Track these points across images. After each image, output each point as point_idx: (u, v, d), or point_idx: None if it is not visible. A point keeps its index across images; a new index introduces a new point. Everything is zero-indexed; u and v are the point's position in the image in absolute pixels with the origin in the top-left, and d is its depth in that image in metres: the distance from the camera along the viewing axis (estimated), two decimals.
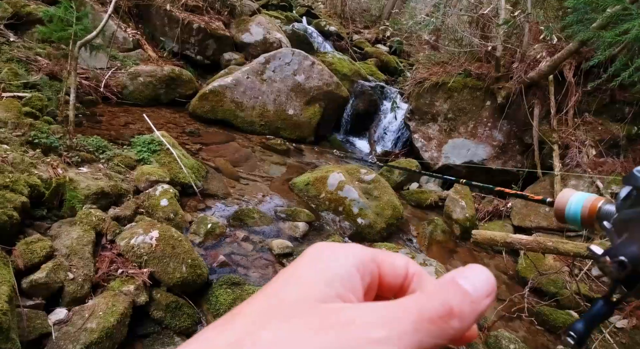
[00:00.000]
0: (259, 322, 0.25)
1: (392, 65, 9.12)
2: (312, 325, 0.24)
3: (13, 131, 3.11)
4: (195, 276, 2.45)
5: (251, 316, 0.26)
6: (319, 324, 0.24)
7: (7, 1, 4.91)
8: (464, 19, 6.71)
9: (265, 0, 9.53)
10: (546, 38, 5.01)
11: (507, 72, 5.32)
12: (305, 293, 0.27)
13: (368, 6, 12.01)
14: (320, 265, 0.29)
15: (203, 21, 6.53)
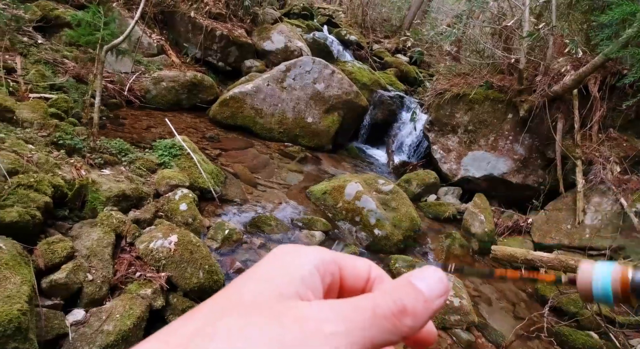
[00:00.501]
0: (218, 314, 0.26)
1: (412, 76, 9.08)
2: (268, 318, 0.25)
3: (39, 131, 3.18)
4: (212, 282, 2.45)
5: (212, 310, 0.27)
6: (275, 318, 0.25)
7: (36, 4, 5.06)
8: (486, 31, 6.66)
9: (287, 9, 9.63)
10: (571, 51, 4.93)
11: (530, 85, 5.24)
12: (264, 290, 0.27)
13: (389, 16, 12.03)
14: (281, 264, 0.30)
15: (226, 28, 6.62)
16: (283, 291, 0.28)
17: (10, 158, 2.43)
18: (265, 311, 0.26)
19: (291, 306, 0.27)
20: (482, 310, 3.43)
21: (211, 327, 0.25)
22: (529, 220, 4.62)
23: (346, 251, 3.48)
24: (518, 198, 5.24)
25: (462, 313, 3.00)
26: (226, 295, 0.28)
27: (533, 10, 5.67)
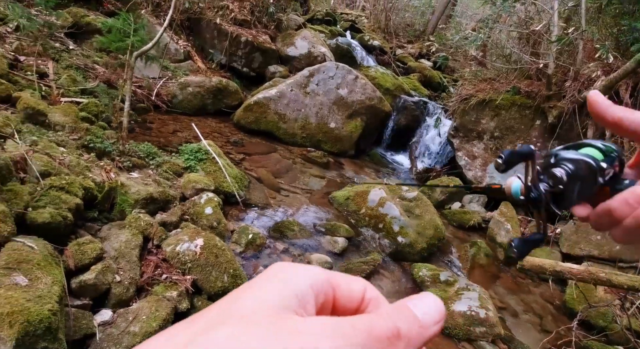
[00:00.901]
0: (216, 322, 0.26)
1: (436, 81, 8.99)
2: (265, 330, 0.25)
3: (70, 135, 3.27)
4: (236, 286, 2.45)
5: (210, 317, 0.27)
6: (272, 330, 0.25)
7: (67, 11, 5.22)
8: (513, 35, 6.54)
9: (310, 15, 9.68)
10: (601, 56, 4.78)
11: (559, 91, 5.12)
12: (262, 302, 0.28)
13: (412, 21, 11.96)
14: (278, 279, 0.30)
15: (250, 35, 6.70)
16: (280, 304, 0.28)
17: (43, 160, 2.50)
18: (262, 322, 0.26)
19: (287, 319, 0.27)
20: (508, 322, 3.34)
21: (207, 335, 0.25)
22: (557, 230, 4.48)
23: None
24: None
25: (487, 325, 2.92)
26: (225, 305, 0.28)
27: (562, 14, 5.55)
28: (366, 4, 13.34)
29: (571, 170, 0.48)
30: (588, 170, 0.47)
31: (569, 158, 0.49)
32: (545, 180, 0.50)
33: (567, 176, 0.48)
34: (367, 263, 3.37)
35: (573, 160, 0.49)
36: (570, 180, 0.48)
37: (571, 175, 0.48)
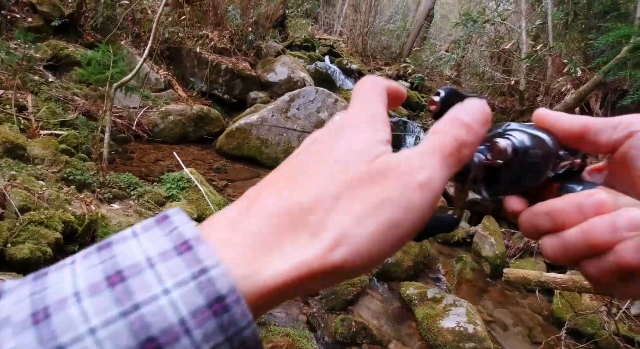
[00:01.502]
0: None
1: (414, 101, 9.19)
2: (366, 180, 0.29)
3: (49, 168, 3.25)
4: None
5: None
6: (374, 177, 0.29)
7: (46, 44, 5.24)
8: (485, 54, 6.79)
9: (289, 41, 9.89)
10: (570, 71, 5.00)
11: (532, 106, 5.30)
12: (356, 154, 0.30)
13: (388, 44, 12.31)
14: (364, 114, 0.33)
15: (230, 62, 6.80)
16: (373, 146, 0.31)
17: (22, 195, 2.47)
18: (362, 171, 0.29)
19: (382, 160, 0.30)
20: (498, 336, 3.35)
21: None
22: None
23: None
24: None
25: (476, 340, 2.93)
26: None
27: (530, 33, 5.80)
28: (343, 29, 13.71)
29: (519, 144, 0.38)
30: (541, 151, 0.37)
31: (521, 130, 0.39)
32: (484, 151, 0.39)
33: (512, 150, 0.37)
34: (354, 284, 3.36)
35: (525, 132, 0.38)
36: (515, 156, 0.38)
37: (517, 151, 0.37)
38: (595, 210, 0.33)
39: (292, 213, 0.27)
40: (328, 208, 0.28)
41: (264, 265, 0.25)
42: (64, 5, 5.77)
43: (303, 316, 2.93)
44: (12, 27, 5.25)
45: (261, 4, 7.74)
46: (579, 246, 0.33)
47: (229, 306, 0.23)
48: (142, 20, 6.36)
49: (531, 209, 0.38)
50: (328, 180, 0.29)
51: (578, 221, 0.33)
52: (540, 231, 0.37)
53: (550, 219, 0.35)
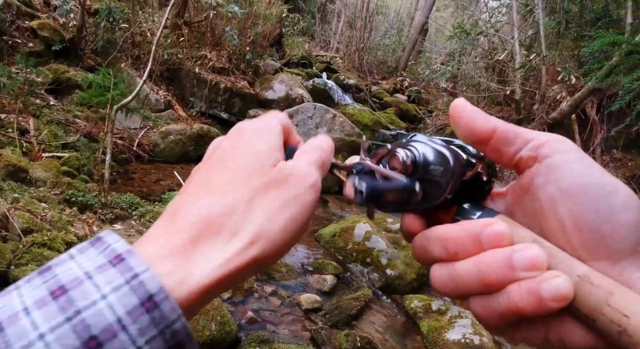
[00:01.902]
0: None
1: (412, 113, 9.27)
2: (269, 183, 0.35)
3: (51, 190, 3.27)
4: (225, 334, 2.41)
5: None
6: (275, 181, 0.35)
7: (47, 68, 5.33)
8: (479, 65, 6.87)
9: (286, 59, 10.02)
10: (564, 78, 5.05)
11: (529, 114, 5.34)
12: (258, 161, 0.36)
13: (384, 58, 12.46)
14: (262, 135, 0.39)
15: (229, 81, 6.89)
16: (272, 158, 0.37)
17: (25, 217, 2.49)
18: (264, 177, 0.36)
19: (280, 168, 0.36)
20: (505, 347, 3.31)
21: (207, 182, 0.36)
22: None
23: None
24: None
25: None
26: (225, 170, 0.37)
27: (523, 43, 5.88)
28: (339, 45, 13.91)
29: (420, 158, 0.35)
30: (442, 169, 0.34)
31: (424, 142, 0.36)
32: (384, 162, 0.38)
33: (411, 162, 0.35)
34: (357, 299, 3.34)
35: (429, 146, 0.35)
36: (414, 170, 0.35)
37: (417, 164, 0.35)
38: (492, 243, 0.30)
39: (211, 220, 0.32)
40: (243, 211, 0.32)
41: (193, 269, 0.29)
42: (65, 30, 5.88)
43: (307, 332, 2.91)
44: (14, 52, 5.35)
45: (258, 23, 7.88)
46: (470, 282, 0.31)
47: (159, 303, 0.26)
48: (142, 42, 6.47)
49: (425, 232, 0.35)
50: (239, 186, 0.34)
51: (472, 252, 0.31)
52: (432, 258, 0.34)
53: (442, 246, 0.33)
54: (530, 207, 0.34)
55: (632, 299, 0.26)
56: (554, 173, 0.32)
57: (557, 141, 0.34)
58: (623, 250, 0.29)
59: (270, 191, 0.34)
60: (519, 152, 0.34)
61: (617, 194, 0.30)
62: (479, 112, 0.36)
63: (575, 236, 0.30)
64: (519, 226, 0.32)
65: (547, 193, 0.32)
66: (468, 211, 0.34)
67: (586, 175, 0.31)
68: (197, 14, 7.14)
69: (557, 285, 0.27)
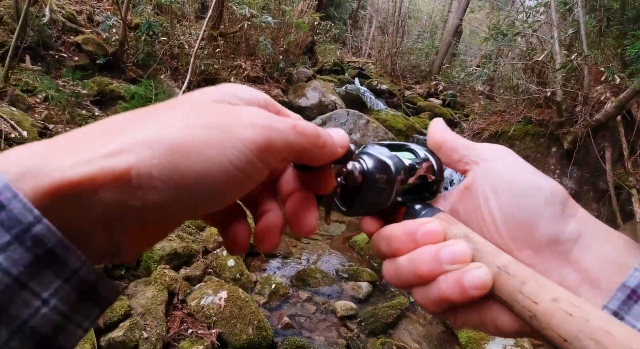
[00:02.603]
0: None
1: (447, 117, 9.10)
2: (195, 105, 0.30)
3: None
4: (261, 339, 2.45)
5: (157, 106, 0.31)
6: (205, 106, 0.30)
7: (92, 80, 5.61)
8: (517, 67, 6.67)
9: (319, 66, 10.11)
10: (608, 78, 4.82)
11: (571, 116, 5.13)
12: (203, 96, 0.32)
13: (417, 63, 12.33)
14: (222, 90, 0.34)
15: (263, 90, 7.02)
16: (220, 98, 0.32)
17: None
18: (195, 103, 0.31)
19: (224, 105, 0.30)
20: None
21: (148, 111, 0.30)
22: None
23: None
24: None
25: None
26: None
27: (563, 42, 5.67)
28: (371, 50, 13.89)
29: (367, 168, 0.39)
30: (385, 176, 0.38)
31: (371, 154, 0.40)
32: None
33: (360, 174, 0.39)
34: (393, 307, 3.30)
35: (373, 157, 0.40)
36: (363, 180, 0.39)
37: (365, 174, 0.39)
38: (425, 240, 0.34)
39: (110, 127, 0.28)
40: (144, 119, 0.28)
41: (52, 164, 0.23)
42: (108, 44, 6.18)
43: (342, 340, 2.90)
44: (60, 66, 5.67)
45: (290, 32, 8.00)
46: (407, 274, 0.35)
47: (4, 202, 0.21)
48: (180, 54, 6.71)
49: (378, 232, 0.39)
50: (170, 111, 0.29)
51: (410, 249, 0.35)
52: (382, 254, 0.38)
53: (387, 245, 0.37)
54: (470, 204, 0.38)
55: (543, 287, 0.29)
56: (490, 174, 0.37)
57: (497, 149, 0.39)
58: (544, 241, 0.33)
59: (191, 109, 0.29)
60: (464, 158, 0.39)
61: (541, 190, 0.34)
62: (443, 128, 0.42)
63: (503, 228, 0.35)
64: (455, 223, 0.36)
65: (483, 191, 0.37)
66: (415, 211, 0.39)
67: (516, 174, 0.36)
68: (232, 25, 7.34)
69: (477, 275, 0.31)
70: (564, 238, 0.33)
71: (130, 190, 0.24)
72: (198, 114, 0.28)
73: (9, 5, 5.49)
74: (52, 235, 0.22)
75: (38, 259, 0.22)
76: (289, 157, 0.31)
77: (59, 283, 0.23)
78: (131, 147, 0.24)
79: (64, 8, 6.34)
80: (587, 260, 0.32)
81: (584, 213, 0.34)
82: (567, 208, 0.34)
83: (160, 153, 0.25)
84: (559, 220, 0.33)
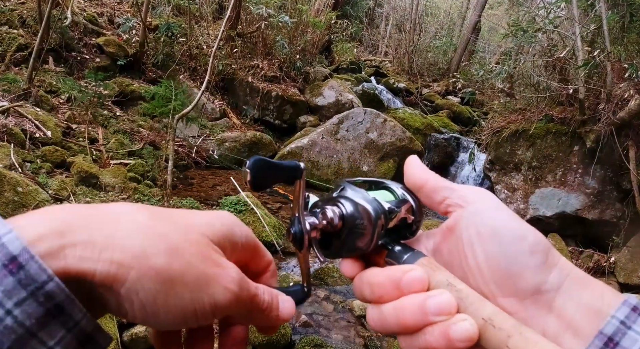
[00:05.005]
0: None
1: (465, 116, 9.00)
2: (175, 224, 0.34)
3: (119, 194, 3.51)
4: (280, 336, 2.47)
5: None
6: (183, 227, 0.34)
7: (113, 81, 5.73)
8: (538, 64, 6.54)
9: (335, 65, 10.11)
10: (631, 75, 4.69)
11: (594, 114, 5.01)
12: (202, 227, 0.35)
13: (435, 60, 12.21)
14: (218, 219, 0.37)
15: (280, 89, 7.06)
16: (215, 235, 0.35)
17: None
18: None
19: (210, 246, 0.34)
20: None
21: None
22: (612, 258, 4.23)
23: None
24: (596, 235, 4.84)
25: None
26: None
27: (585, 38, 5.54)
28: (388, 49, 13.81)
29: (347, 213, 0.39)
30: (366, 222, 0.38)
31: (350, 198, 0.40)
32: (318, 214, 0.41)
33: (339, 219, 0.39)
34: None
35: (353, 201, 0.39)
36: (343, 225, 0.39)
37: (345, 219, 0.39)
38: (410, 288, 0.34)
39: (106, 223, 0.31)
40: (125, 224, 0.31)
41: (67, 248, 0.27)
42: (128, 46, 6.30)
43: (360, 339, 2.90)
44: (82, 67, 5.80)
45: (307, 31, 8.01)
46: (393, 324, 0.35)
47: (23, 263, 0.25)
48: (198, 55, 6.80)
49: (360, 275, 0.39)
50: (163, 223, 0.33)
51: (394, 297, 0.35)
52: (366, 300, 0.38)
53: (371, 291, 0.37)
54: (454, 246, 0.38)
55: (528, 340, 0.30)
56: (474, 218, 0.37)
57: (479, 192, 0.39)
58: (528, 290, 0.33)
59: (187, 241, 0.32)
60: (446, 200, 0.39)
61: (525, 239, 0.35)
62: (420, 167, 0.43)
63: (488, 274, 0.35)
64: (438, 268, 0.36)
65: (468, 235, 0.36)
66: (397, 254, 0.38)
67: (499, 220, 0.36)
68: (249, 25, 7.40)
69: (463, 328, 0.31)
70: (547, 287, 0.33)
71: (114, 295, 0.28)
72: (193, 251, 0.32)
73: (31, 8, 5.65)
74: (61, 291, 0.26)
75: (48, 312, 0.25)
76: (241, 319, 0.38)
77: (63, 332, 0.26)
78: (130, 264, 0.28)
79: (85, 10, 6.49)
80: (568, 309, 0.33)
81: (565, 261, 0.35)
82: (549, 258, 0.34)
83: (152, 276, 0.29)
84: (542, 270, 0.34)
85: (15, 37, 5.38)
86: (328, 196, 0.42)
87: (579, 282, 0.34)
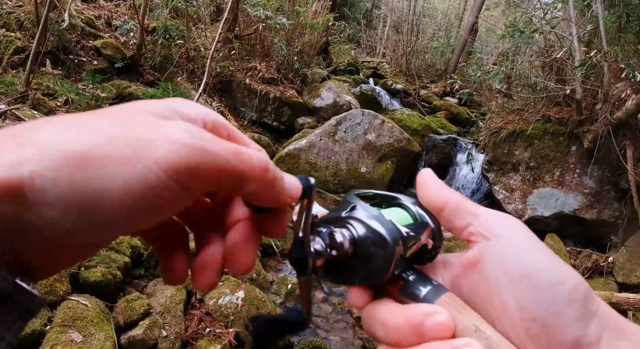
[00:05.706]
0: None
1: (463, 117, 9.02)
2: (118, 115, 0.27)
3: None
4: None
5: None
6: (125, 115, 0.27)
7: (111, 84, 5.72)
8: (535, 64, 6.56)
9: (333, 67, 10.12)
10: (628, 75, 4.71)
11: (591, 114, 5.02)
12: (136, 107, 0.28)
13: (432, 61, 12.24)
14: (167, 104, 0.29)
15: (278, 91, 7.06)
16: (157, 112, 0.28)
17: None
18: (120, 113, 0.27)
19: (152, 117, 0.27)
20: None
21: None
22: (610, 258, 4.23)
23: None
24: (594, 235, 4.85)
25: None
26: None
27: (582, 39, 5.56)
28: (386, 50, 13.84)
29: (358, 236, 0.34)
30: (382, 251, 0.33)
31: (361, 220, 0.34)
32: (325, 236, 0.34)
33: (350, 244, 0.34)
34: None
35: (366, 225, 0.34)
36: (353, 251, 0.34)
37: (356, 244, 0.34)
38: (434, 335, 0.29)
39: (22, 131, 0.24)
40: (54, 127, 0.24)
41: None
42: (126, 48, 6.30)
43: (359, 340, 2.90)
44: (80, 70, 5.80)
45: (305, 33, 8.03)
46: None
47: None
48: (196, 57, 6.80)
49: (371, 309, 0.34)
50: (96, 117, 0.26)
51: (413, 343, 0.30)
52: (378, 339, 0.33)
53: (385, 332, 0.32)
54: (477, 283, 0.33)
55: None
56: (501, 254, 0.32)
57: (507, 221, 0.34)
58: (565, 343, 0.29)
59: (113, 119, 0.26)
60: (469, 227, 0.34)
61: (563, 284, 0.30)
62: (438, 184, 0.37)
63: (519, 322, 0.30)
64: (463, 309, 0.32)
65: (495, 274, 0.32)
66: (414, 287, 0.33)
67: (532, 260, 0.31)
68: (247, 27, 7.40)
69: None
70: (586, 341, 0.29)
71: (25, 205, 0.22)
72: (117, 125, 0.25)
73: (29, 11, 5.65)
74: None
75: None
76: (225, 186, 0.28)
77: None
78: (28, 158, 0.22)
79: (82, 13, 6.49)
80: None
81: (604, 308, 0.31)
82: (589, 305, 0.30)
83: (57, 165, 0.22)
84: (582, 321, 0.29)
85: (13, 39, 5.37)
86: (335, 214, 0.36)
87: (617, 331, 0.30)
